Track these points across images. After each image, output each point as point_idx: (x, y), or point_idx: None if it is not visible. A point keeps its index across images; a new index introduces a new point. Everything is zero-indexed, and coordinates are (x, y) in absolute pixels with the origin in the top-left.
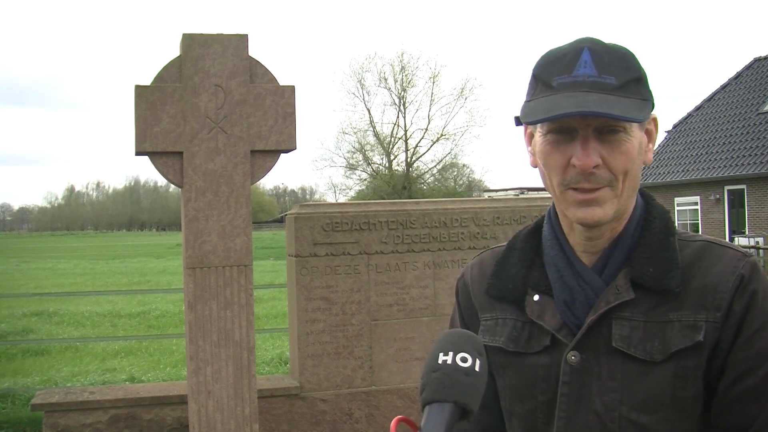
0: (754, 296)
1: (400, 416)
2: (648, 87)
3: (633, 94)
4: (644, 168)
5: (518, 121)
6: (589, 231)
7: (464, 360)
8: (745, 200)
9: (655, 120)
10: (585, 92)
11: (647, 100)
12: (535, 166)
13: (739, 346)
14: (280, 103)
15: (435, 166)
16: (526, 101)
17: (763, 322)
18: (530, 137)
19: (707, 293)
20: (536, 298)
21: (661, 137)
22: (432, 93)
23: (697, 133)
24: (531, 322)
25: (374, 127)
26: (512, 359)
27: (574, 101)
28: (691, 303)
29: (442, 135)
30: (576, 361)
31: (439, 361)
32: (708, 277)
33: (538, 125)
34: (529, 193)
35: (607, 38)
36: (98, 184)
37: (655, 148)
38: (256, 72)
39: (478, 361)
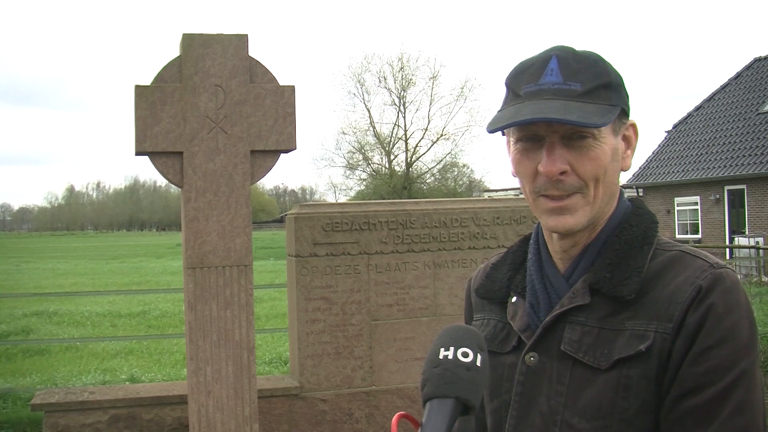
0: (710, 310)
1: (401, 412)
2: (621, 93)
3: (599, 99)
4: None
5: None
6: (563, 238)
7: (465, 355)
8: (745, 200)
9: (633, 126)
10: (548, 99)
11: (615, 106)
12: (515, 176)
13: (689, 362)
14: (280, 103)
15: (435, 166)
16: (497, 111)
17: (718, 338)
18: (510, 147)
19: (663, 303)
20: (514, 300)
21: (661, 137)
22: (432, 93)
23: (697, 133)
24: (509, 323)
25: (374, 127)
26: (489, 358)
27: (535, 108)
28: (646, 312)
29: (442, 135)
30: (534, 362)
31: (440, 357)
32: (668, 288)
33: (511, 134)
34: None
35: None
36: (98, 184)
37: (655, 148)
38: (256, 72)
39: (479, 356)
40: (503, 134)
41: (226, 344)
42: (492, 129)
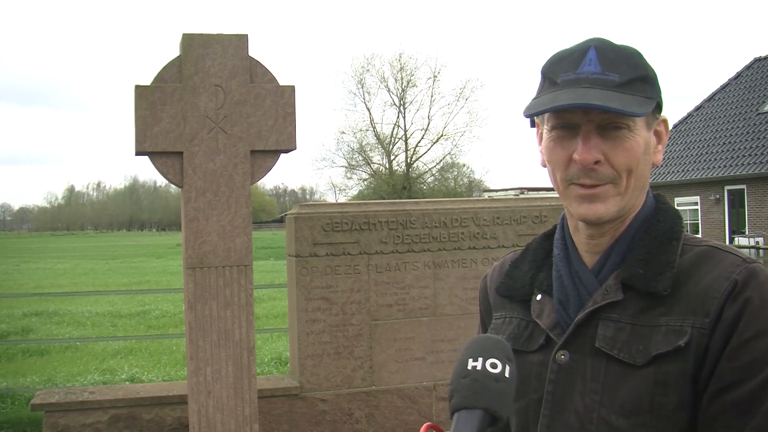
0: (747, 304)
1: (429, 423)
2: (656, 87)
3: (636, 91)
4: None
5: (532, 122)
6: (591, 229)
7: (494, 366)
8: (745, 200)
9: (665, 122)
10: (587, 88)
11: (651, 99)
12: (544, 166)
13: (727, 356)
14: (280, 103)
15: (435, 166)
16: (533, 99)
17: (756, 331)
18: (541, 137)
19: (698, 298)
20: (539, 297)
21: None
22: (432, 93)
23: (697, 133)
24: (534, 321)
25: (374, 127)
26: (514, 357)
27: (574, 95)
28: (681, 308)
29: (442, 135)
30: (564, 360)
31: (469, 367)
32: (702, 283)
33: (545, 123)
34: (529, 193)
35: (608, 38)
36: (98, 184)
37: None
38: (256, 72)
39: (507, 367)
40: (532, 125)
41: (226, 344)
42: (529, 114)
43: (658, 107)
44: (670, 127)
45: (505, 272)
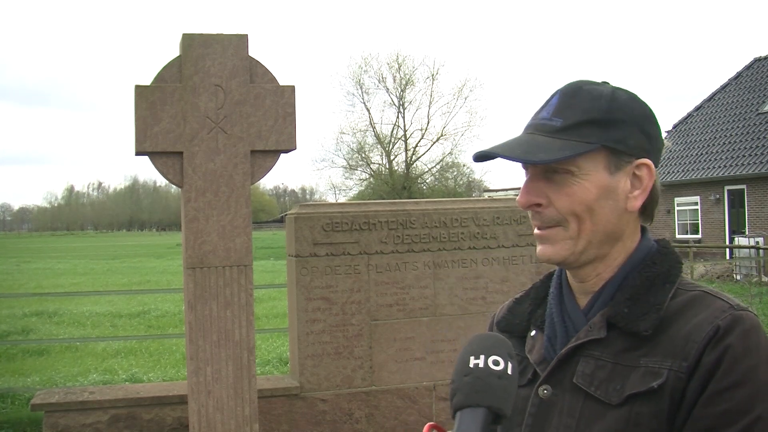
0: (727, 351)
1: (431, 423)
2: (611, 130)
3: (574, 136)
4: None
5: None
6: (574, 271)
7: (496, 363)
8: (745, 200)
9: (647, 165)
10: (529, 134)
11: (592, 144)
12: None
13: (704, 402)
14: (280, 103)
15: (434, 166)
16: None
17: (734, 381)
18: None
19: (680, 342)
20: (533, 333)
21: None
22: (431, 92)
23: (697, 133)
24: (526, 356)
25: (374, 128)
26: None
27: (505, 143)
28: (662, 350)
29: (441, 135)
30: (546, 395)
31: (471, 365)
32: (687, 326)
33: None
34: None
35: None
36: (98, 184)
37: None
38: (256, 72)
39: (509, 364)
40: None
41: (226, 344)
42: (476, 159)
43: (621, 151)
44: (670, 127)
45: (507, 308)
